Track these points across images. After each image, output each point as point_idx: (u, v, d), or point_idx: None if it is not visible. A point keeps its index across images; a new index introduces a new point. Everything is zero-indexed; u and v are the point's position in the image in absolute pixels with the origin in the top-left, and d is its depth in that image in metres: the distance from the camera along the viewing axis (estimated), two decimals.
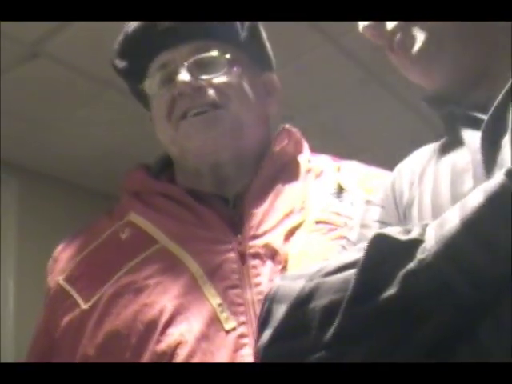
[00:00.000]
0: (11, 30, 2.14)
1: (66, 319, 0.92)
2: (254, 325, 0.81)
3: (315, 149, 1.09)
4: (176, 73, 0.97)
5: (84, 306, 0.91)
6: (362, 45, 2.46)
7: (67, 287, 0.95)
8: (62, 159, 3.04)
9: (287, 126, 1.06)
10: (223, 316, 0.82)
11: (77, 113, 2.69)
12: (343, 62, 2.62)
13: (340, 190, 0.98)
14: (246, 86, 1.00)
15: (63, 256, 1.02)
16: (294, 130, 1.06)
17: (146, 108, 1.08)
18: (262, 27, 1.06)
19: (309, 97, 2.77)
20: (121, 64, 1.05)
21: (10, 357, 2.48)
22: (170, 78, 0.99)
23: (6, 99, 2.49)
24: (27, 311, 1.54)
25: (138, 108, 1.14)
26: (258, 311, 0.81)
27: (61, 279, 0.97)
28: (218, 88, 0.97)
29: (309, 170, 1.01)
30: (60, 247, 1.05)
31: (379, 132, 3.14)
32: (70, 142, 2.90)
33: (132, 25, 1.03)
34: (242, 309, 0.82)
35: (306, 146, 1.07)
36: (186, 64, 0.97)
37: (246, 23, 1.03)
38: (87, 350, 0.88)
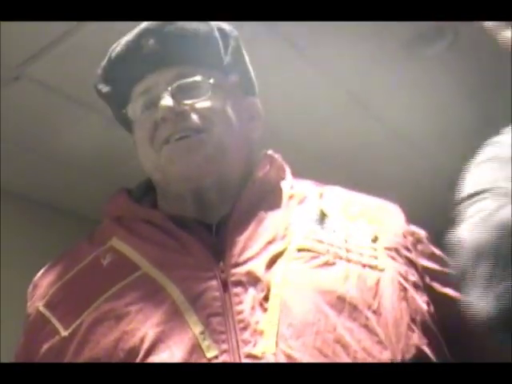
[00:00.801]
0: None
1: (46, 346, 0.91)
2: (236, 353, 0.80)
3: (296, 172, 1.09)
4: (159, 97, 0.97)
5: (64, 332, 0.90)
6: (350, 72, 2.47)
7: (47, 313, 0.94)
8: (44, 182, 3.02)
9: (269, 151, 1.06)
10: (205, 344, 0.81)
11: (59, 136, 2.68)
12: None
13: (322, 216, 0.98)
14: (229, 110, 1.00)
15: (43, 282, 1.01)
16: (276, 155, 1.06)
17: (130, 132, 1.08)
18: (245, 52, 1.07)
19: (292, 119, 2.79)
20: (104, 88, 1.05)
21: None
22: (153, 103, 0.99)
23: None
24: (8, 337, 1.52)
25: (120, 131, 1.14)
26: (240, 339, 0.81)
27: (40, 305, 0.96)
28: (201, 113, 0.97)
29: (291, 197, 1.01)
30: (40, 273, 1.04)
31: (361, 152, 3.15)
32: (53, 165, 2.89)
33: (116, 49, 1.03)
34: (223, 337, 0.82)
35: (288, 171, 1.07)
36: (169, 89, 0.97)
37: (230, 48, 1.03)
38: None
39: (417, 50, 2.48)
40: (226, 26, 1.05)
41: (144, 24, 1.02)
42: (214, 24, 1.03)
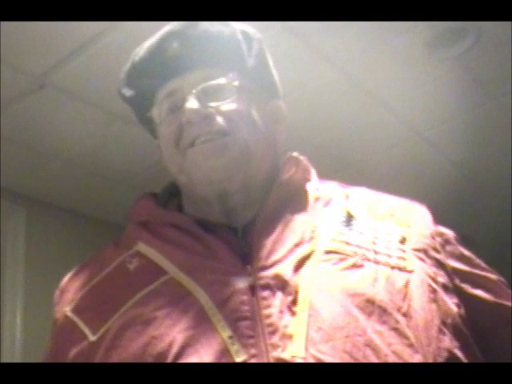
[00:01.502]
0: (18, 62, 2.16)
1: (74, 351, 0.91)
2: (265, 357, 0.79)
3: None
4: (184, 100, 0.97)
5: (92, 337, 0.89)
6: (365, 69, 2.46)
7: (74, 318, 0.94)
8: (69, 189, 3.04)
9: (295, 153, 1.05)
10: (234, 348, 0.80)
11: (83, 143, 2.70)
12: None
13: (349, 218, 0.97)
14: (254, 113, 1.00)
15: (70, 287, 1.01)
16: (302, 157, 1.05)
17: (154, 136, 1.08)
18: (269, 55, 1.07)
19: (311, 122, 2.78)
20: (128, 92, 1.05)
21: None
22: (178, 106, 0.98)
23: (14, 130, 2.51)
24: (35, 342, 1.53)
25: (144, 138, 1.14)
26: (268, 343, 0.80)
27: (68, 310, 0.96)
28: (226, 115, 0.97)
29: (317, 199, 1.00)
30: (67, 278, 1.04)
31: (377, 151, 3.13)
32: (77, 172, 2.91)
33: (139, 53, 1.03)
34: (252, 341, 0.80)
35: (313, 173, 1.06)
36: (194, 91, 0.97)
37: (253, 51, 1.02)
38: None
39: (439, 49, 2.46)
40: (249, 28, 1.04)
41: (167, 27, 1.02)
42: (237, 27, 1.03)
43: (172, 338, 0.82)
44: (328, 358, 0.78)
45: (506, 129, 3.00)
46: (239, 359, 0.79)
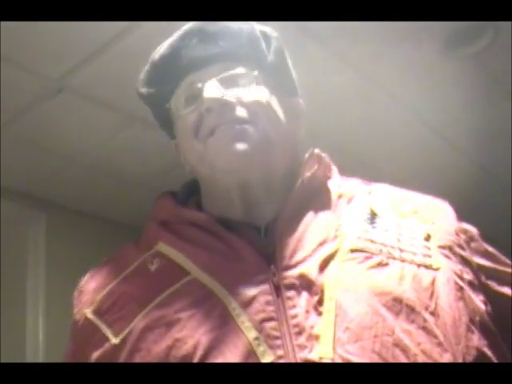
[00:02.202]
0: (36, 66, 2.17)
1: (96, 354, 0.90)
2: (292, 359, 0.78)
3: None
4: (203, 89, 0.95)
5: (114, 340, 0.88)
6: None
7: (96, 320, 0.93)
8: (88, 193, 3.05)
9: (316, 150, 1.03)
10: (260, 350, 0.78)
11: (102, 147, 2.71)
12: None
13: (373, 215, 0.95)
14: (274, 105, 0.98)
15: (90, 287, 0.99)
16: (323, 154, 1.03)
17: (170, 135, 1.07)
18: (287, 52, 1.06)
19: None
20: (147, 90, 1.03)
21: None
22: (196, 97, 0.97)
23: (32, 135, 2.52)
24: (57, 344, 1.53)
25: (162, 140, 1.13)
26: (295, 344, 0.79)
27: (88, 312, 0.95)
28: (246, 104, 0.95)
29: (340, 196, 0.98)
30: (86, 278, 1.03)
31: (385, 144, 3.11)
32: (96, 175, 2.92)
33: (160, 50, 1.02)
34: (279, 342, 0.79)
35: (335, 170, 1.04)
36: (213, 80, 0.95)
37: (272, 47, 1.01)
38: None
39: (457, 48, 2.44)
40: (266, 27, 1.04)
41: (187, 25, 1.01)
42: (255, 25, 1.02)
43: (196, 340, 0.81)
44: (356, 359, 0.77)
45: None
46: (266, 361, 0.78)
